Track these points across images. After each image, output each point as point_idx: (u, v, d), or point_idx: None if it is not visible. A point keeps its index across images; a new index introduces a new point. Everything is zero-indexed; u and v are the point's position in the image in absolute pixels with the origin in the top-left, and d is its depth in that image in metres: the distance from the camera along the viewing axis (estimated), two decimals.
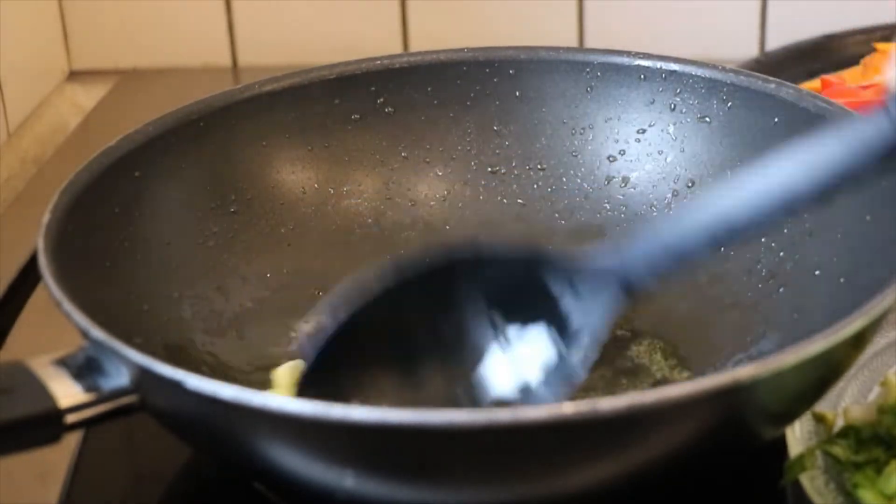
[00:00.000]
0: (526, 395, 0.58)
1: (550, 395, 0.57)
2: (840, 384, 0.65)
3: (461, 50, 0.78)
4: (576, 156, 0.77)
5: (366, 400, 0.58)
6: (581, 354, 0.57)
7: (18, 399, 0.53)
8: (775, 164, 0.52)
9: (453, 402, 0.58)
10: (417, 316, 0.59)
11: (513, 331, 0.59)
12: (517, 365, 0.58)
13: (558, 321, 0.58)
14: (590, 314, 0.57)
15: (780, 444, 0.61)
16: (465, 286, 0.58)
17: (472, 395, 0.59)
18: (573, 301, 0.57)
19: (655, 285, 0.55)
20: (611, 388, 0.67)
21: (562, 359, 0.57)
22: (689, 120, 0.75)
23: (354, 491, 0.53)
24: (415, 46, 1.12)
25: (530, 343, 0.58)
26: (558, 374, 0.57)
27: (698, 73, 0.74)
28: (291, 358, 0.69)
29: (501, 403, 0.58)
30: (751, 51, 1.09)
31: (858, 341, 0.56)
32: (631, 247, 0.56)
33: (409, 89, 0.77)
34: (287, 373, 0.64)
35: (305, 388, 0.58)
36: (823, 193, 0.51)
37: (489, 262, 0.59)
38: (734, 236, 0.53)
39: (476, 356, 0.59)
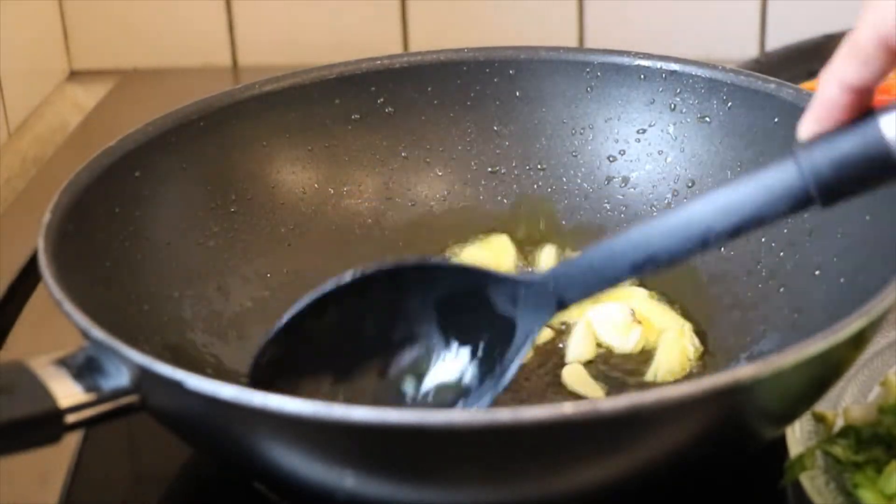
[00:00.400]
0: (460, 390, 0.62)
1: (483, 393, 0.62)
2: (840, 384, 0.65)
3: (461, 50, 0.78)
4: (576, 156, 0.77)
5: (303, 393, 0.60)
6: (515, 356, 0.61)
7: (18, 399, 0.53)
8: (693, 204, 0.56)
9: (383, 399, 0.62)
10: (365, 316, 0.62)
11: (453, 332, 0.63)
12: (453, 363, 0.63)
13: (497, 327, 0.62)
14: (525, 322, 0.61)
15: (780, 444, 0.61)
16: (412, 293, 0.63)
17: (407, 391, 0.63)
18: (512, 310, 0.61)
19: (583, 301, 0.61)
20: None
21: (497, 360, 0.62)
22: (689, 120, 0.75)
23: (354, 491, 0.53)
24: (415, 46, 1.12)
25: (467, 343, 0.63)
26: (491, 375, 0.62)
27: (698, 73, 0.74)
28: None
29: (439, 396, 0.62)
30: (751, 51, 1.09)
31: (858, 341, 0.56)
32: (563, 268, 0.62)
33: (409, 89, 0.78)
34: None
35: (255, 375, 0.61)
36: (736, 233, 0.55)
37: (437, 273, 0.63)
38: (653, 265, 0.57)
39: (417, 355, 0.63)
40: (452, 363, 0.63)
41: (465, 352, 0.63)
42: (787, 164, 0.53)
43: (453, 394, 0.62)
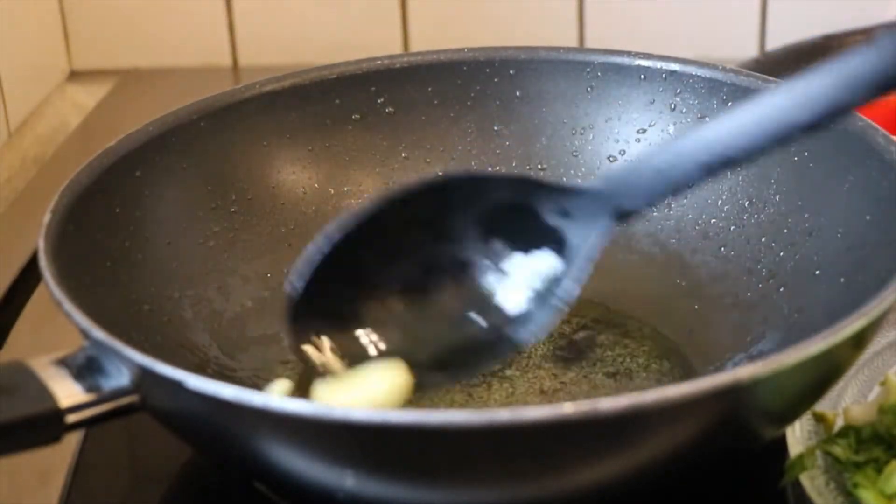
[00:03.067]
0: (522, 312, 0.59)
1: (546, 313, 0.58)
2: (840, 384, 0.65)
3: (461, 50, 0.78)
4: (576, 156, 0.77)
5: (362, 325, 0.60)
6: (575, 274, 0.58)
7: (19, 399, 0.53)
8: (767, 96, 0.52)
9: (453, 324, 0.60)
10: (411, 238, 0.60)
11: (508, 251, 0.60)
12: (514, 284, 0.60)
13: (553, 243, 0.59)
14: (584, 237, 0.58)
15: (780, 444, 0.61)
16: (459, 210, 0.60)
17: (471, 315, 0.60)
18: (567, 224, 0.58)
19: (647, 210, 0.57)
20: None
21: (556, 278, 0.59)
22: (689, 120, 0.75)
23: (355, 491, 0.53)
24: (415, 46, 1.12)
25: (526, 263, 0.60)
26: (553, 292, 0.59)
27: (698, 73, 0.74)
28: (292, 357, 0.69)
29: (500, 319, 0.60)
30: (751, 51, 1.09)
31: (858, 341, 0.56)
32: (623, 172, 0.57)
33: (409, 89, 0.77)
34: (279, 388, 0.63)
35: (298, 315, 0.59)
36: (818, 123, 0.51)
37: (484, 187, 0.59)
38: (726, 164, 0.53)
39: (472, 277, 0.61)
40: (502, 284, 0.60)
41: (516, 272, 0.60)
42: (867, 48, 0.49)
43: (502, 317, 0.60)
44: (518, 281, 0.60)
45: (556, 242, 0.59)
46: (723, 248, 0.72)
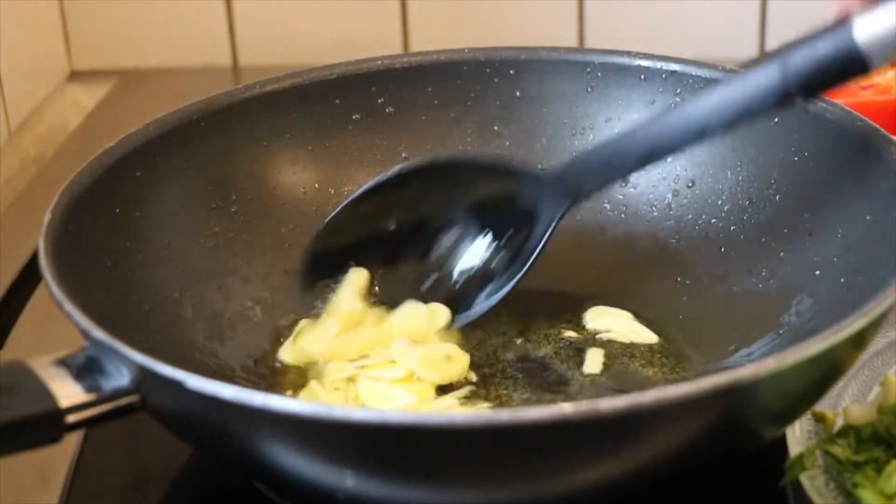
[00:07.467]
0: (487, 276, 0.71)
1: (507, 279, 0.70)
2: (840, 384, 0.65)
3: (461, 50, 0.78)
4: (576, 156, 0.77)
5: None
6: (536, 245, 0.69)
7: (19, 399, 0.53)
8: (690, 103, 0.65)
9: (425, 275, 0.72)
10: (404, 208, 0.72)
11: (482, 222, 0.71)
12: (482, 251, 0.71)
13: (521, 217, 0.70)
14: (545, 212, 0.69)
15: (780, 444, 0.61)
16: (446, 185, 0.71)
17: (444, 269, 0.72)
18: (534, 202, 0.69)
19: (599, 191, 0.71)
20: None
21: (520, 249, 0.70)
22: None
23: (354, 491, 0.53)
24: (415, 46, 1.12)
25: (495, 232, 0.71)
26: (514, 262, 0.70)
27: (698, 73, 0.74)
28: (292, 355, 0.69)
29: (468, 281, 0.71)
30: (751, 51, 1.09)
31: (858, 341, 0.56)
32: (577, 163, 0.70)
33: (409, 89, 0.78)
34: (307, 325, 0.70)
35: (310, 263, 0.72)
36: (727, 126, 0.64)
37: (464, 165, 0.72)
38: (656, 157, 0.67)
39: (451, 243, 0.72)
40: (481, 250, 0.71)
41: (492, 240, 0.71)
42: (771, 64, 0.62)
43: (480, 279, 0.71)
44: (490, 248, 0.71)
45: (525, 215, 0.70)
46: (723, 248, 0.72)
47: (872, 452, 0.59)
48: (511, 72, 0.78)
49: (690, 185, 0.75)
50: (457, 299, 0.71)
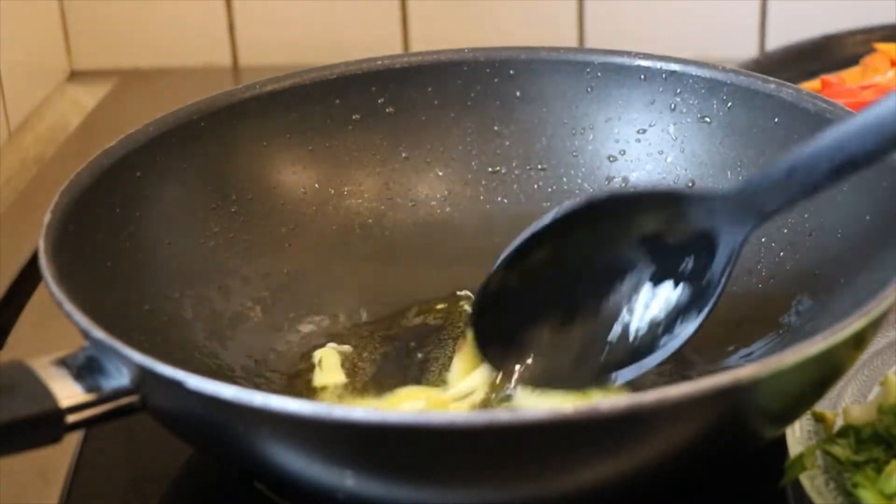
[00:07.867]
0: (670, 320, 0.65)
1: (692, 317, 0.64)
2: (840, 384, 0.65)
3: (461, 50, 0.78)
4: (576, 156, 0.77)
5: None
6: (721, 275, 0.63)
7: (19, 399, 0.53)
8: (884, 101, 0.55)
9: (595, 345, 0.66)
10: (568, 256, 0.66)
11: (655, 261, 0.65)
12: (660, 293, 0.65)
13: (698, 250, 0.63)
14: (727, 238, 0.62)
15: (780, 444, 0.61)
16: (610, 227, 0.65)
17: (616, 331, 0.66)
18: (711, 228, 0.63)
19: (785, 211, 0.62)
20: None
21: (701, 283, 0.64)
22: (689, 120, 0.75)
23: (355, 491, 0.53)
24: (415, 46, 1.12)
25: (671, 269, 0.65)
26: (698, 298, 0.64)
27: (698, 73, 0.74)
28: (292, 357, 0.69)
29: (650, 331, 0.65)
30: (751, 51, 1.09)
31: (858, 341, 0.56)
32: (760, 178, 0.61)
33: (409, 89, 0.77)
34: (329, 353, 0.69)
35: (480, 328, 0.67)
36: None
37: (630, 203, 0.65)
38: (852, 167, 0.57)
39: (623, 290, 0.66)
40: (659, 293, 0.65)
41: (669, 281, 0.65)
42: None
43: (663, 325, 0.65)
44: (668, 288, 0.65)
45: (703, 246, 0.63)
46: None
47: (872, 452, 0.59)
48: (511, 72, 0.78)
49: (691, 185, 0.75)
50: (639, 352, 0.66)
